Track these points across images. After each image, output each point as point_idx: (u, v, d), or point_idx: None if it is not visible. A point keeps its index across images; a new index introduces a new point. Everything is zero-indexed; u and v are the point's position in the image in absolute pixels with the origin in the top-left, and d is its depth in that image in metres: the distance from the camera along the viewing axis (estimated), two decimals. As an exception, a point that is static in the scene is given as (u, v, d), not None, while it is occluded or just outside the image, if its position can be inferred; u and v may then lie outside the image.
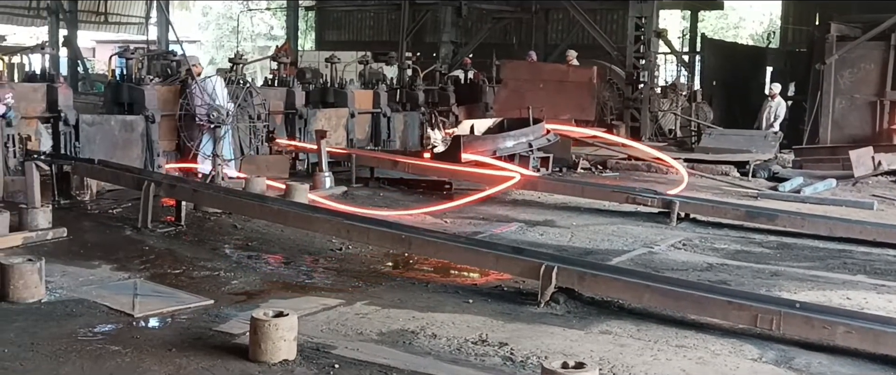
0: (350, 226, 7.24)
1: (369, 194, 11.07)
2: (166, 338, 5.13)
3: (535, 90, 16.64)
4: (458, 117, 16.85)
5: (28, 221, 7.72)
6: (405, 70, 16.81)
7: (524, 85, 17.27)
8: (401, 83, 16.73)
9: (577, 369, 4.03)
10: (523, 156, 12.63)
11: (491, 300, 6.18)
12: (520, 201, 10.88)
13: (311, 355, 4.86)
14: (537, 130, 13.11)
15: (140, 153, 10.77)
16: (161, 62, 12.29)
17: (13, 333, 5.11)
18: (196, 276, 6.74)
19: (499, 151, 12.33)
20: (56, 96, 10.06)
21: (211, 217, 8.84)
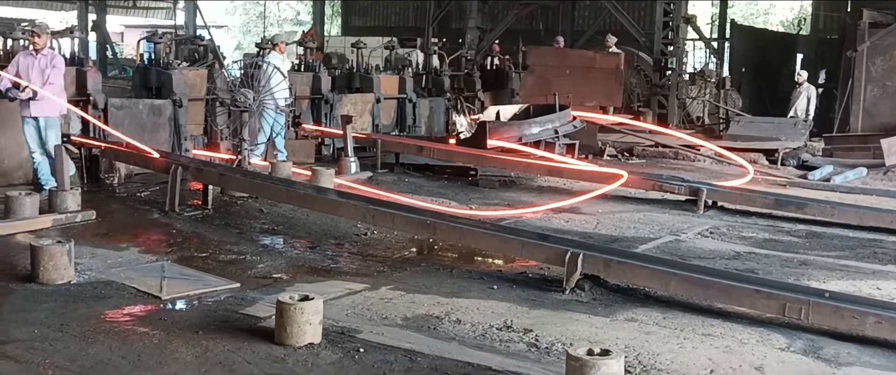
0: (375, 211, 7.25)
1: (394, 179, 11.07)
2: (193, 321, 5.18)
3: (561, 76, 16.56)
4: (483, 103, 16.78)
5: (58, 203, 7.80)
6: (431, 56, 16.76)
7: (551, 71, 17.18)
8: (427, 69, 16.70)
9: (602, 356, 4.03)
10: (549, 143, 12.57)
11: (516, 286, 6.17)
12: (545, 187, 10.84)
13: (337, 339, 4.88)
14: (563, 117, 13.03)
15: (167, 137, 10.82)
16: (188, 47, 12.32)
17: (43, 314, 5.17)
18: (222, 259, 6.79)
19: (524, 138, 12.27)
20: (85, 80, 10.12)
21: (238, 201, 8.89)
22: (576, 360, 3.99)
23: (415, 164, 11.88)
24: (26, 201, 7.47)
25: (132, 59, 23.06)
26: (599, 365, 3.94)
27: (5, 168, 9.03)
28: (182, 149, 10.76)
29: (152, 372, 4.31)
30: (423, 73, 16.48)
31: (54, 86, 8.61)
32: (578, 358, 3.98)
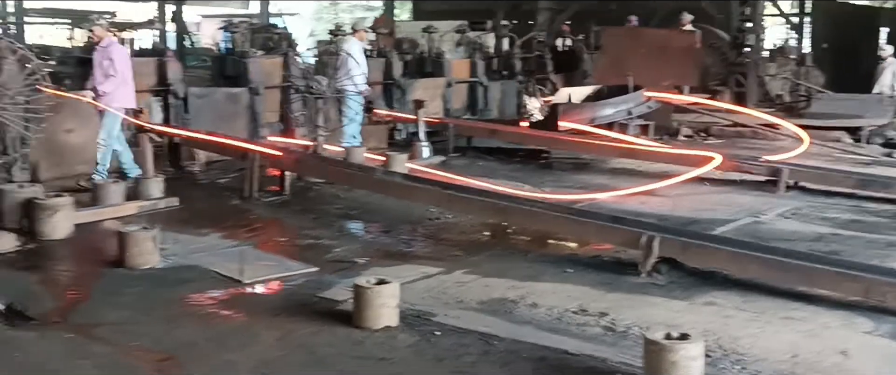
0: (449, 195, 7.29)
1: (467, 163, 11.09)
2: (274, 304, 5.31)
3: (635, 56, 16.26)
4: (555, 85, 16.65)
5: (142, 191, 8.06)
6: (502, 38, 16.70)
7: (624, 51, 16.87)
8: (498, 52, 16.64)
9: (680, 340, 3.98)
10: (622, 124, 12.42)
11: (591, 269, 6.13)
12: (619, 169, 10.72)
13: (413, 322, 4.93)
14: (637, 97, 12.85)
15: (245, 124, 11.06)
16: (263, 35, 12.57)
17: (131, 297, 5.37)
18: (300, 244, 6.92)
19: (597, 119, 12.16)
20: (166, 70, 10.41)
21: (314, 186, 9.04)
22: (654, 344, 3.95)
23: (487, 148, 11.88)
24: (113, 188, 7.73)
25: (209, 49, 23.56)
26: (678, 349, 3.90)
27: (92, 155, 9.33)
28: (258, 136, 10.98)
29: (236, 354, 4.43)
30: (494, 56, 16.44)
31: (115, 79, 8.58)
32: (656, 342, 3.95)
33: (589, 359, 4.42)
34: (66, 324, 4.89)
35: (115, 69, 8.61)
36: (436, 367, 4.33)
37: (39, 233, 6.70)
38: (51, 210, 6.72)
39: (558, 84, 16.70)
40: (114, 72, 8.61)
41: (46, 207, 6.72)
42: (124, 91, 8.77)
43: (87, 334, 4.71)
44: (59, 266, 6.18)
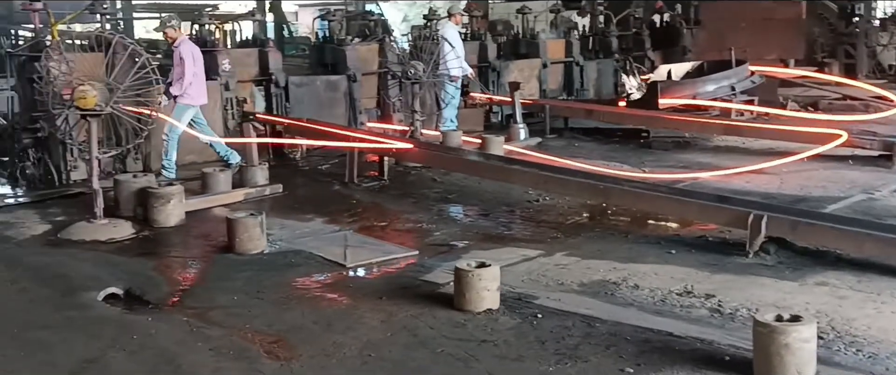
0: (547, 177, 7.25)
1: (564, 144, 11.00)
2: (376, 287, 5.40)
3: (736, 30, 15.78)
4: (653, 62, 16.30)
5: (248, 178, 8.32)
6: (597, 16, 16.44)
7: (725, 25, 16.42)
8: (593, 30, 16.40)
9: (792, 322, 3.86)
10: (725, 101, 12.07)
11: (695, 250, 6.00)
12: (722, 147, 10.44)
13: (514, 304, 4.94)
14: (740, 72, 12.46)
15: (344, 111, 11.26)
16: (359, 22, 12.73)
17: (241, 282, 5.55)
18: (400, 228, 7.02)
19: (699, 96, 11.86)
20: (267, 60, 10.68)
21: (412, 171, 9.14)
22: (764, 326, 3.84)
23: (584, 128, 11.75)
24: (220, 177, 8.00)
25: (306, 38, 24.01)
26: (790, 332, 3.78)
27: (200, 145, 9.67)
28: (357, 122, 11.16)
29: (343, 336, 4.54)
30: (589, 35, 16.20)
31: (183, 80, 8.52)
32: (767, 324, 3.84)
33: (695, 342, 4.33)
34: (182, 308, 5.10)
35: (184, 67, 8.58)
36: (538, 349, 4.32)
37: (153, 221, 7.00)
38: (164, 199, 7.00)
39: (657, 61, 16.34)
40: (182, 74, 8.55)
41: (160, 196, 7.01)
42: (196, 86, 8.73)
43: (202, 317, 4.90)
44: (173, 252, 6.43)
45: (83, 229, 6.79)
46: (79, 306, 5.09)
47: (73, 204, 7.79)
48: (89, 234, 6.70)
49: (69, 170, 8.63)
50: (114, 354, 4.34)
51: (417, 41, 10.22)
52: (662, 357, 4.15)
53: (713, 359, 4.12)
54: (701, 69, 13.44)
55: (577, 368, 4.08)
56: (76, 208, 7.59)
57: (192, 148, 9.51)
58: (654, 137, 10.91)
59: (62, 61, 6.96)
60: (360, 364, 4.20)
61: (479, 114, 12.53)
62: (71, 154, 8.56)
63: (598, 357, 4.19)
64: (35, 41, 9.23)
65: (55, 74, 7.00)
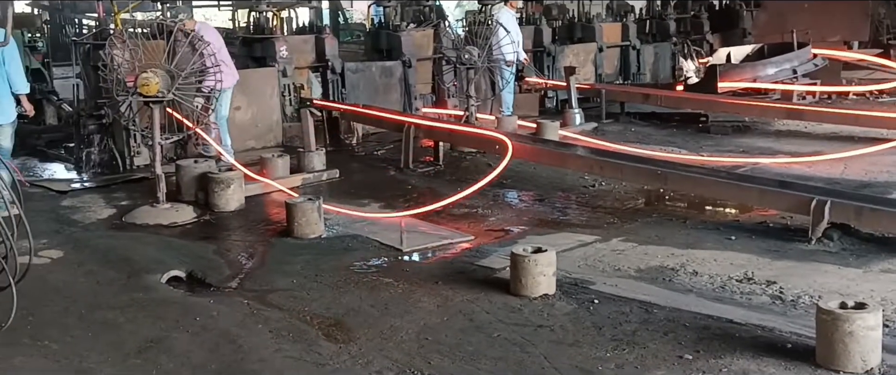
0: (603, 162, 7.18)
1: (620, 129, 10.89)
2: (432, 272, 5.42)
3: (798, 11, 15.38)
4: (712, 45, 16.03)
5: (305, 164, 8.41)
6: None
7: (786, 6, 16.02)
8: (650, 13, 16.17)
9: (857, 309, 3.78)
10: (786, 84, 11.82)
11: (755, 236, 5.91)
12: (783, 132, 10.23)
13: (570, 290, 4.93)
14: (802, 55, 12.19)
15: (399, 97, 11.31)
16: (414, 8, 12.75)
17: (299, 265, 5.63)
18: (455, 213, 7.02)
19: (759, 79, 11.62)
20: (323, 46, 10.77)
21: (467, 156, 9.15)
22: (827, 313, 3.77)
23: (641, 113, 11.62)
24: (278, 162, 8.11)
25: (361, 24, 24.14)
26: (854, 319, 3.70)
27: (259, 131, 9.84)
28: (412, 108, 11.20)
29: (400, 320, 4.58)
30: (646, 18, 15.99)
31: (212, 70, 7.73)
32: (830, 312, 3.77)
33: (756, 329, 4.27)
34: (242, 291, 5.20)
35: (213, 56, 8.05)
36: (595, 335, 4.31)
37: (214, 205, 7.13)
38: (224, 183, 7.13)
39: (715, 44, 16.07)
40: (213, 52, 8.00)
41: (220, 181, 7.14)
42: (227, 68, 8.42)
43: (261, 300, 4.98)
44: (233, 236, 6.53)
45: (146, 213, 6.95)
46: (143, 288, 5.22)
47: (137, 189, 7.98)
48: (152, 218, 6.86)
49: (132, 156, 8.84)
50: (177, 335, 4.45)
51: (472, 26, 10.20)
52: (722, 344, 4.10)
53: (774, 347, 4.05)
54: (761, 52, 13.18)
55: (635, 354, 4.06)
56: (139, 193, 7.78)
57: (251, 133, 9.67)
58: (713, 122, 10.73)
59: (125, 49, 7.11)
60: (416, 347, 4.23)
61: (534, 99, 12.48)
62: (134, 140, 8.76)
63: (656, 344, 4.16)
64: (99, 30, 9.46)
65: (119, 62, 7.15)
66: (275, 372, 3.98)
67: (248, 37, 10.75)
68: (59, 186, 8.21)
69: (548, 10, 15.54)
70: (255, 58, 10.41)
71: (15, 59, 7.12)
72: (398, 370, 3.99)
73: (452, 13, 23.66)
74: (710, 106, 10.85)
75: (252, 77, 9.94)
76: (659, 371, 3.89)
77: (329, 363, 4.08)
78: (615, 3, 15.94)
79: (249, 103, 9.74)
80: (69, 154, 9.54)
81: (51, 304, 4.89)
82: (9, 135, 7.13)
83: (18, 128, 7.44)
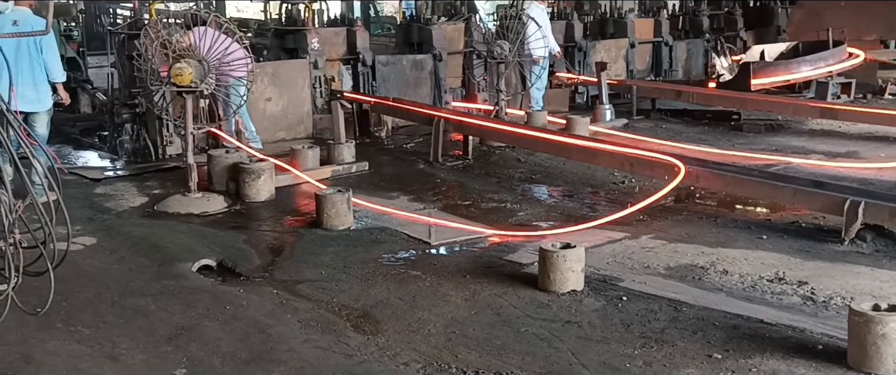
0: (633, 159, 7.13)
1: (651, 126, 10.82)
2: (460, 265, 5.43)
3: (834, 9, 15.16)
4: (746, 43, 15.85)
5: (335, 156, 8.45)
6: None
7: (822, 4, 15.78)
8: (683, 9, 16.03)
9: (890, 311, 3.73)
10: (821, 83, 11.67)
11: (787, 236, 5.85)
12: (817, 131, 10.11)
13: (599, 286, 4.91)
14: (838, 54, 12.02)
15: (429, 90, 11.32)
16: (445, 1, 12.73)
17: (328, 257, 5.66)
18: (484, 207, 7.03)
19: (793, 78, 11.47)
20: (355, 39, 10.79)
21: (496, 151, 9.14)
22: (860, 315, 3.73)
23: (672, 110, 11.54)
24: (309, 154, 8.15)
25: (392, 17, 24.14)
26: (887, 321, 3.66)
27: (289, 122, 9.89)
28: (442, 101, 11.20)
29: (427, 313, 4.59)
30: (679, 14, 15.85)
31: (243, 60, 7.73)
32: (863, 313, 3.72)
33: (786, 329, 4.23)
34: (272, 281, 5.24)
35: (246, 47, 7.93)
36: (623, 332, 4.29)
37: (244, 196, 7.19)
38: (255, 174, 7.18)
39: (749, 41, 15.89)
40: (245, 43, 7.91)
41: (251, 171, 7.19)
42: None
43: (291, 290, 5.02)
44: (263, 226, 6.58)
45: (178, 202, 7.02)
46: (174, 276, 5.28)
47: (169, 178, 8.07)
48: (184, 207, 6.94)
49: (165, 145, 8.94)
50: (208, 323, 4.49)
51: (503, 21, 10.18)
52: (752, 344, 4.07)
53: (805, 348, 4.02)
54: (796, 50, 13.01)
55: (663, 352, 4.04)
56: (171, 181, 7.86)
57: (281, 125, 9.73)
58: (746, 120, 10.62)
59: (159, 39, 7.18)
60: (444, 340, 4.24)
61: (565, 94, 12.43)
62: (166, 129, 8.85)
63: (684, 342, 4.13)
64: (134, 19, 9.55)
65: (153, 52, 7.22)
66: (303, 362, 4.01)
67: (279, 28, 10.81)
68: (93, 174, 8.32)
69: (579, 5, 15.44)
70: (286, 49, 10.47)
71: (52, 48, 7.22)
72: (425, 362, 4.00)
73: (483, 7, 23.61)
74: (742, 103, 10.74)
75: (283, 69, 10.00)
76: (687, 369, 3.87)
77: (357, 354, 4.11)
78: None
79: (281, 94, 9.80)
80: (103, 142, 9.66)
81: (84, 290, 4.96)
82: (45, 122, 7.23)
83: (53, 115, 7.54)
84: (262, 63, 9.74)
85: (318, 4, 12.76)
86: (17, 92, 5.69)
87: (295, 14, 10.64)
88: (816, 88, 11.63)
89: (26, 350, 4.11)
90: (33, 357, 4.04)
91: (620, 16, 14.52)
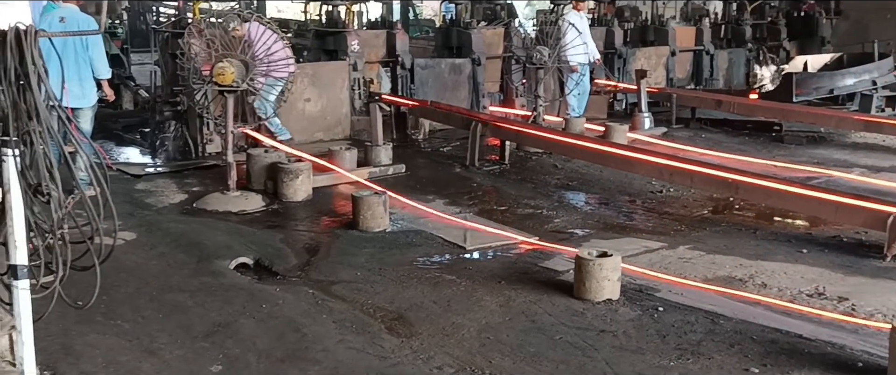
0: (672, 168, 7.07)
1: (690, 135, 10.73)
2: (495, 271, 5.42)
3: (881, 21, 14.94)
4: (789, 53, 15.66)
5: (372, 157, 8.49)
6: (731, 3, 15.90)
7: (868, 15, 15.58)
8: (726, 18, 15.87)
9: (934, 331, 3.66)
10: (865, 95, 11.48)
11: (827, 250, 5.77)
12: (860, 144, 9.95)
13: (635, 296, 4.88)
14: (883, 66, 11.82)
15: (467, 94, 11.32)
16: (485, 6, 12.73)
17: (363, 258, 5.69)
18: (520, 213, 7.01)
19: (837, 90, 11.32)
20: (394, 42, 10.83)
21: (532, 156, 9.12)
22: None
23: (712, 119, 11.41)
24: (346, 155, 8.19)
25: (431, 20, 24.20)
26: (931, 341, 3.59)
27: (328, 123, 9.95)
28: (480, 106, 11.20)
29: (461, 317, 4.59)
30: (721, 23, 15.70)
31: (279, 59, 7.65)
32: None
33: (825, 345, 4.17)
34: (307, 280, 5.28)
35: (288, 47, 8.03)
36: (659, 343, 4.26)
37: (282, 195, 7.25)
38: (293, 174, 7.24)
39: (792, 52, 15.69)
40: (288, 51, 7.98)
41: (289, 171, 7.25)
42: None
43: (326, 290, 5.05)
44: (300, 226, 6.63)
45: (217, 200, 7.10)
46: (212, 273, 5.34)
47: (208, 176, 8.16)
48: (222, 205, 7.01)
49: (205, 143, 9.03)
50: (244, 320, 4.54)
51: (543, 26, 10.15)
52: (790, 360, 4.02)
53: (845, 365, 3.96)
54: (840, 62, 12.82)
55: (700, 364, 4.00)
56: (211, 179, 7.94)
57: (320, 126, 9.80)
58: (787, 131, 10.49)
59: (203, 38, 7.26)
60: (478, 345, 4.24)
61: (603, 101, 12.36)
62: (207, 127, 8.95)
63: (721, 356, 4.09)
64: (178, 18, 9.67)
65: (196, 51, 7.31)
66: (337, 363, 4.03)
67: (320, 30, 10.88)
68: (134, 170, 8.44)
69: (620, 11, 15.38)
70: (326, 51, 10.53)
71: (98, 45, 7.34)
72: (458, 367, 4.00)
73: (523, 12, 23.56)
74: (784, 114, 10.60)
75: (323, 70, 10.07)
76: (723, 383, 3.83)
77: (390, 356, 4.12)
78: (690, 6, 15.67)
79: (320, 95, 9.87)
80: (144, 139, 9.80)
81: (124, 285, 5.03)
82: (89, 118, 7.35)
83: (97, 111, 7.66)
84: (302, 64, 9.80)
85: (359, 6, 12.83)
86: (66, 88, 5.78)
87: (335, 15, 10.71)
88: (860, 101, 11.44)
89: (67, 342, 4.18)
90: (73, 349, 4.11)
91: (662, 23, 14.41)
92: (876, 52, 12.43)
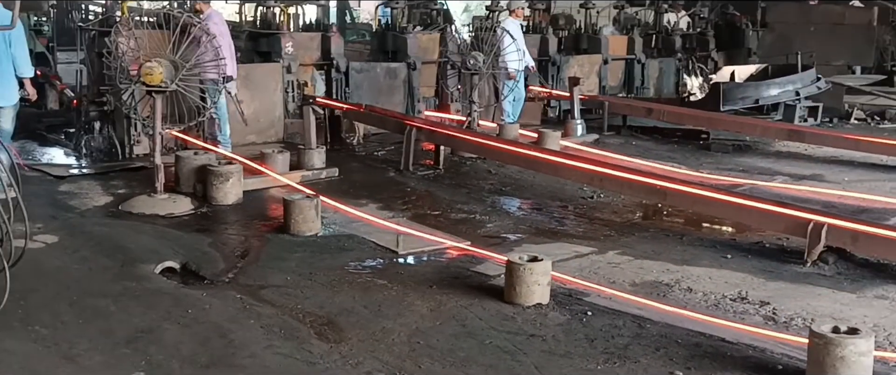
0: (603, 175, 7.17)
1: (621, 142, 10.90)
2: (427, 276, 5.41)
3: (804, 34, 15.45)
4: (717, 63, 16.06)
5: (305, 161, 8.40)
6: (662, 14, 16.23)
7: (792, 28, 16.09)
8: (657, 28, 16.20)
9: (849, 334, 3.78)
10: (789, 105, 11.84)
11: (751, 256, 5.91)
12: (783, 153, 10.25)
13: (564, 300, 4.92)
14: (806, 77, 12.21)
15: (402, 99, 11.31)
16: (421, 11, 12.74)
17: (294, 262, 5.62)
18: (453, 218, 7.02)
19: (762, 100, 11.64)
20: (329, 45, 10.76)
21: (467, 161, 9.15)
22: (819, 337, 3.77)
23: (643, 127, 11.62)
24: (278, 158, 8.09)
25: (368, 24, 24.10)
26: (846, 344, 3.70)
27: (260, 126, 9.83)
28: (415, 110, 11.20)
29: (392, 322, 4.56)
30: (653, 33, 16.02)
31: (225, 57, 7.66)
32: (823, 335, 3.76)
33: (747, 348, 4.27)
34: (236, 285, 5.18)
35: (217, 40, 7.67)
36: (587, 347, 4.30)
37: (212, 198, 7.12)
38: (223, 177, 7.12)
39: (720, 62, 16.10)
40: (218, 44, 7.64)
41: (219, 174, 7.13)
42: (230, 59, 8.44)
43: (255, 295, 4.97)
44: (229, 230, 6.52)
45: (144, 202, 6.94)
46: (136, 277, 5.21)
47: (135, 178, 7.97)
48: (149, 208, 6.85)
49: (132, 144, 8.83)
50: (168, 326, 4.43)
51: (479, 32, 10.20)
52: (713, 363, 4.09)
53: (765, 367, 4.05)
54: (765, 72, 13.19)
55: (626, 368, 4.05)
56: (137, 181, 7.76)
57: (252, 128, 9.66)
58: (714, 139, 10.74)
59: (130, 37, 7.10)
60: (408, 350, 4.22)
61: (537, 108, 12.48)
62: (135, 128, 8.75)
63: (647, 359, 4.15)
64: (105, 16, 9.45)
65: (123, 50, 7.14)
66: (265, 369, 3.97)
67: (254, 31, 10.75)
68: (58, 171, 8.20)
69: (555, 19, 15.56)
70: (260, 52, 10.41)
71: (21, 42, 7.12)
72: (388, 372, 3.98)
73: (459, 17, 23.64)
74: (711, 123, 10.86)
75: (256, 71, 9.94)
76: (649, 386, 3.88)
77: (319, 362, 4.07)
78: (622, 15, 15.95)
79: (252, 98, 9.74)
80: (69, 139, 9.53)
81: (43, 289, 4.87)
82: (10, 117, 7.13)
83: (20, 111, 7.43)
84: (236, 65, 9.66)
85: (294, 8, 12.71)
86: None
87: (270, 17, 10.60)
88: (784, 110, 11.80)
89: (-20, 349, 4.03)
90: (-12, 356, 3.97)
91: (595, 32, 14.63)
92: (799, 63, 12.83)
